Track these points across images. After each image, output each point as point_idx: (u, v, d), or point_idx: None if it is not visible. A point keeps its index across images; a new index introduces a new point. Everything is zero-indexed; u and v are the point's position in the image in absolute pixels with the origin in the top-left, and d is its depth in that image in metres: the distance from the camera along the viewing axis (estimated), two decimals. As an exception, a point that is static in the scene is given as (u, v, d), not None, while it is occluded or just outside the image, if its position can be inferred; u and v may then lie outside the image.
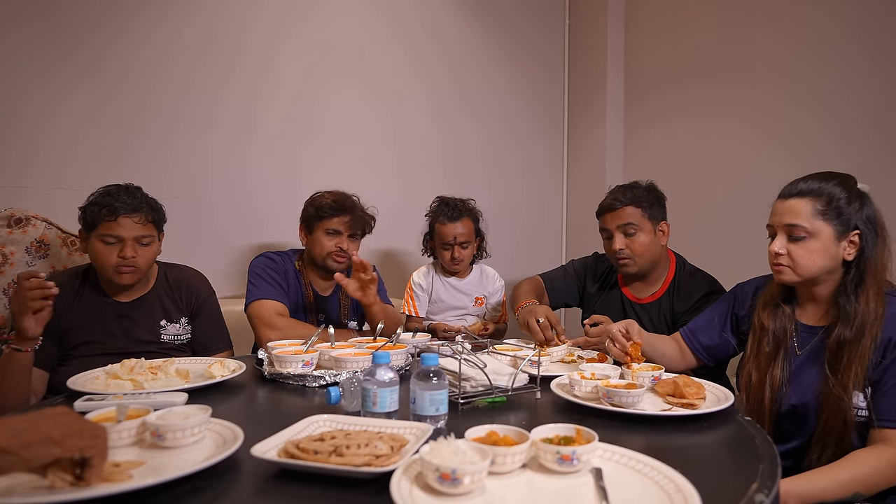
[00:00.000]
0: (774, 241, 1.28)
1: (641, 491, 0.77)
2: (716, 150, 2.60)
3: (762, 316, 1.35)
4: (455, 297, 2.23)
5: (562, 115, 3.31)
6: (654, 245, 1.80)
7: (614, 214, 1.80)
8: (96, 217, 1.53)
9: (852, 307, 1.21)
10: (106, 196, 1.55)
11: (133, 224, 1.54)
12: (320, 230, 1.90)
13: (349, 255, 1.90)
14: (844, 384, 1.17)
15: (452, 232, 2.12)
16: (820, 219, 1.22)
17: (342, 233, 1.90)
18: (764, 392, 1.29)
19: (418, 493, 0.75)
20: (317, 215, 1.91)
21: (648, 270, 1.83)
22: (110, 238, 1.53)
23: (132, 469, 0.79)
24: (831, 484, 1.09)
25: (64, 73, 2.10)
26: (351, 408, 1.11)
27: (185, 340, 1.71)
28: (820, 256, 1.23)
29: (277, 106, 2.50)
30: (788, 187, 1.29)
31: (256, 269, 1.89)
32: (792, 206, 1.25)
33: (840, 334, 1.21)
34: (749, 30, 2.45)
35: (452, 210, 2.14)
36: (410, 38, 2.82)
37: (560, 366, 1.51)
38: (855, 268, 1.23)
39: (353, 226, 1.91)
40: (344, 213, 1.90)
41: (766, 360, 1.31)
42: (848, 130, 2.10)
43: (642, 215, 1.78)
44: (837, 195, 1.22)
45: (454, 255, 2.14)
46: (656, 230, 1.80)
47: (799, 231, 1.23)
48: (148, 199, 1.61)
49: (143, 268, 1.59)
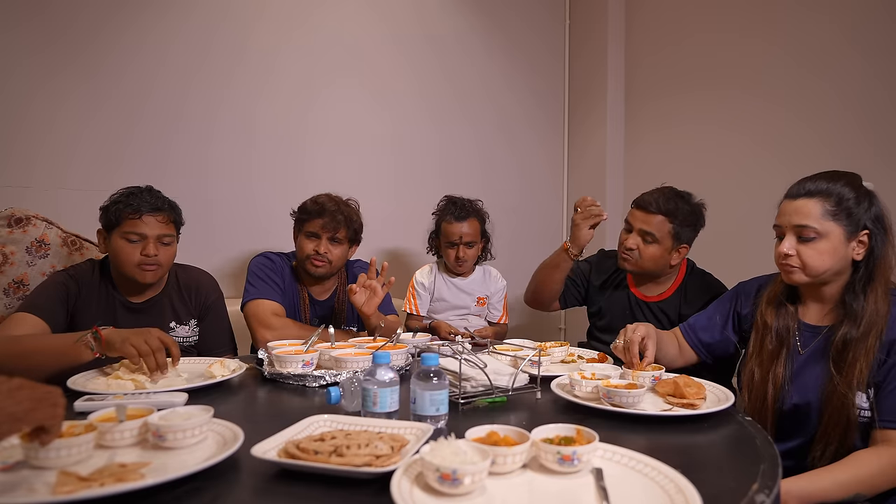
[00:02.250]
0: (783, 242, 1.26)
1: (642, 491, 0.77)
2: (716, 153, 2.61)
3: (765, 314, 1.34)
4: (457, 297, 2.23)
5: (562, 119, 3.31)
6: (663, 260, 1.77)
7: (645, 216, 1.75)
8: (120, 215, 1.55)
9: (860, 306, 1.20)
10: (130, 196, 1.58)
11: (156, 223, 1.57)
12: (303, 233, 1.90)
13: (328, 259, 1.87)
14: (849, 382, 1.17)
15: (458, 231, 2.12)
16: (830, 219, 1.21)
17: (320, 235, 1.87)
18: (766, 390, 1.29)
19: (419, 494, 0.74)
20: (300, 217, 1.93)
21: (648, 275, 1.83)
22: (134, 236, 1.55)
23: (141, 469, 0.78)
24: (832, 484, 1.09)
25: (63, 73, 2.10)
26: (351, 408, 1.11)
27: (193, 342, 1.72)
28: (830, 257, 1.22)
29: (277, 106, 2.50)
30: (796, 187, 1.27)
31: (255, 268, 1.89)
32: (801, 207, 1.23)
33: (846, 333, 1.20)
34: (748, 35, 2.46)
35: (460, 210, 2.14)
36: (411, 41, 2.82)
37: (560, 366, 1.51)
38: (864, 267, 1.23)
39: (330, 228, 1.85)
40: (321, 216, 1.86)
41: (769, 357, 1.31)
42: (845, 134, 2.12)
43: (669, 231, 1.73)
44: (847, 195, 1.21)
45: (459, 254, 2.14)
46: (674, 249, 1.76)
47: (809, 232, 1.22)
48: (169, 201, 1.64)
49: (165, 266, 1.61)
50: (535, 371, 1.25)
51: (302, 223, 1.91)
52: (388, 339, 1.57)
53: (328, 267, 1.88)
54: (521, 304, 3.05)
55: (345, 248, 1.93)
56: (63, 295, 1.53)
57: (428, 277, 2.25)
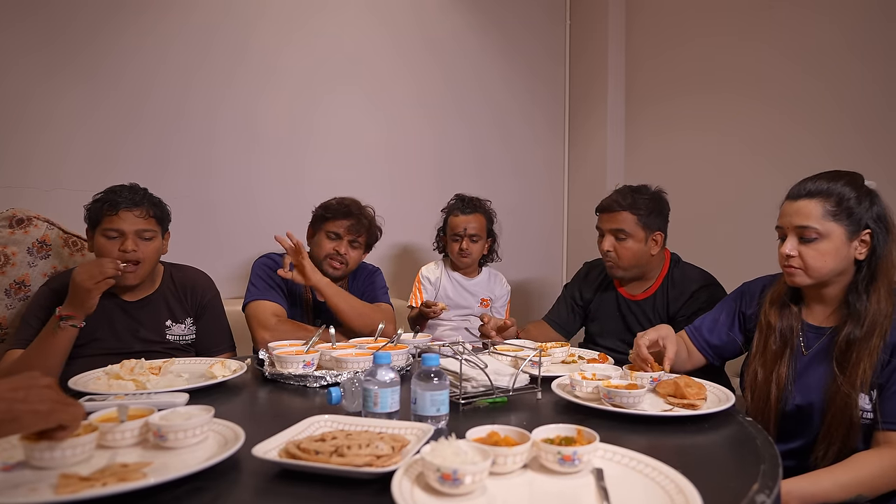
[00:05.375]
0: (785, 244, 1.25)
1: (642, 491, 0.77)
2: (716, 156, 2.62)
3: (769, 314, 1.34)
4: (461, 296, 2.24)
5: (562, 122, 3.31)
6: (643, 253, 1.79)
7: (610, 216, 1.81)
8: (99, 213, 1.56)
9: (864, 306, 1.20)
10: (109, 193, 1.58)
11: (134, 218, 1.57)
12: (323, 231, 1.92)
13: (346, 261, 1.90)
14: (853, 382, 1.16)
15: (464, 223, 2.17)
16: (831, 220, 1.21)
17: (342, 237, 1.90)
18: (770, 390, 1.28)
19: (419, 494, 0.75)
20: (322, 216, 1.94)
21: (635, 275, 1.84)
22: (112, 232, 1.55)
23: (144, 469, 0.79)
24: (833, 485, 1.09)
25: (62, 72, 2.10)
26: (352, 408, 1.11)
27: (189, 341, 1.72)
28: (832, 258, 1.22)
29: (278, 107, 2.50)
30: (797, 188, 1.27)
31: (257, 269, 1.90)
32: (802, 208, 1.23)
33: (850, 333, 1.20)
34: (748, 39, 2.47)
35: (467, 204, 2.21)
36: (412, 44, 2.82)
37: (561, 366, 1.51)
38: (867, 267, 1.22)
39: (353, 231, 1.90)
40: (347, 217, 1.90)
41: (773, 358, 1.30)
42: (844, 138, 2.13)
43: (636, 223, 1.78)
44: (847, 195, 1.21)
45: (462, 246, 2.17)
46: (648, 239, 1.79)
47: (810, 233, 1.22)
48: (150, 196, 1.63)
49: (147, 263, 1.60)
50: (535, 371, 1.25)
51: (324, 221, 1.93)
52: (388, 339, 1.57)
53: (345, 269, 1.92)
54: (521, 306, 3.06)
55: (360, 253, 1.97)
56: (46, 316, 1.53)
57: (434, 273, 2.27)
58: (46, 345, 1.44)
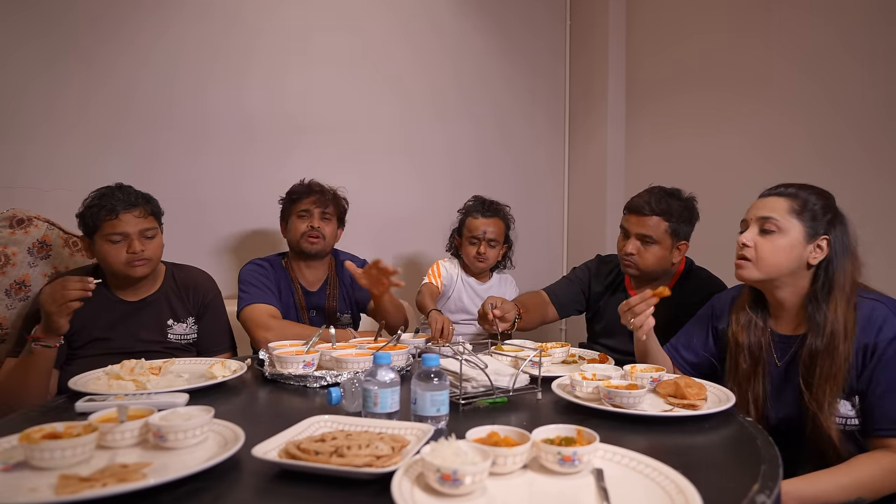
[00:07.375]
0: (745, 234, 1.29)
1: (643, 492, 0.77)
2: (716, 154, 2.62)
3: (736, 332, 1.35)
4: (472, 301, 2.22)
5: (563, 119, 3.31)
6: (666, 260, 1.75)
7: (640, 220, 1.73)
8: (97, 219, 1.55)
9: (822, 315, 1.20)
10: (102, 197, 1.57)
11: (135, 219, 1.57)
12: (294, 215, 1.98)
13: (322, 234, 1.95)
14: (819, 400, 1.17)
15: (483, 226, 2.15)
16: (794, 217, 1.24)
17: (312, 211, 1.96)
18: (749, 410, 1.28)
19: (419, 494, 0.75)
20: (289, 200, 2.02)
21: (650, 278, 1.82)
22: (116, 236, 1.55)
23: (143, 469, 0.79)
24: (833, 486, 1.09)
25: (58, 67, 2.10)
26: (352, 408, 1.11)
27: (191, 340, 1.72)
28: (785, 255, 1.24)
29: (275, 104, 2.50)
30: (769, 189, 1.33)
31: (246, 276, 1.91)
32: (768, 202, 1.28)
33: (812, 344, 1.20)
34: (747, 38, 2.47)
35: (487, 208, 2.18)
36: (415, 45, 2.83)
37: (561, 366, 1.51)
38: (824, 275, 1.23)
39: (320, 203, 1.97)
40: (311, 194, 1.98)
41: (745, 377, 1.31)
42: (840, 139, 2.13)
43: (666, 230, 1.72)
44: (814, 202, 1.25)
45: (480, 250, 2.15)
46: (674, 247, 1.75)
47: (770, 224, 1.25)
48: (143, 194, 1.63)
49: (154, 259, 1.62)
50: (535, 372, 1.25)
51: (292, 204, 2.01)
52: (389, 339, 1.57)
53: (322, 243, 1.97)
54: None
55: (334, 225, 2.02)
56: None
57: (451, 270, 2.25)
58: (23, 367, 1.43)
